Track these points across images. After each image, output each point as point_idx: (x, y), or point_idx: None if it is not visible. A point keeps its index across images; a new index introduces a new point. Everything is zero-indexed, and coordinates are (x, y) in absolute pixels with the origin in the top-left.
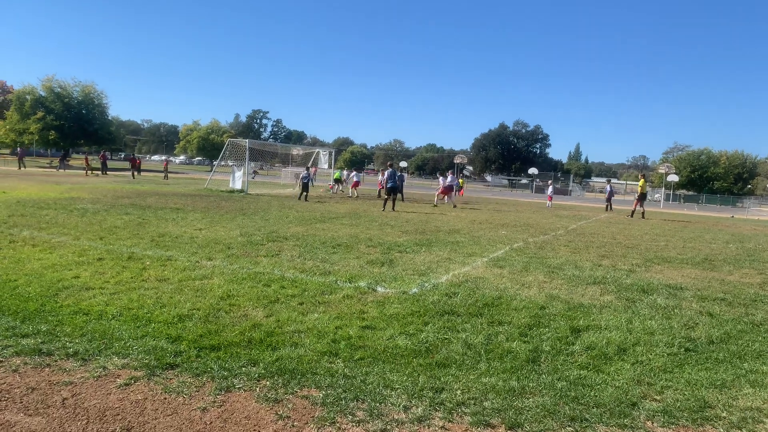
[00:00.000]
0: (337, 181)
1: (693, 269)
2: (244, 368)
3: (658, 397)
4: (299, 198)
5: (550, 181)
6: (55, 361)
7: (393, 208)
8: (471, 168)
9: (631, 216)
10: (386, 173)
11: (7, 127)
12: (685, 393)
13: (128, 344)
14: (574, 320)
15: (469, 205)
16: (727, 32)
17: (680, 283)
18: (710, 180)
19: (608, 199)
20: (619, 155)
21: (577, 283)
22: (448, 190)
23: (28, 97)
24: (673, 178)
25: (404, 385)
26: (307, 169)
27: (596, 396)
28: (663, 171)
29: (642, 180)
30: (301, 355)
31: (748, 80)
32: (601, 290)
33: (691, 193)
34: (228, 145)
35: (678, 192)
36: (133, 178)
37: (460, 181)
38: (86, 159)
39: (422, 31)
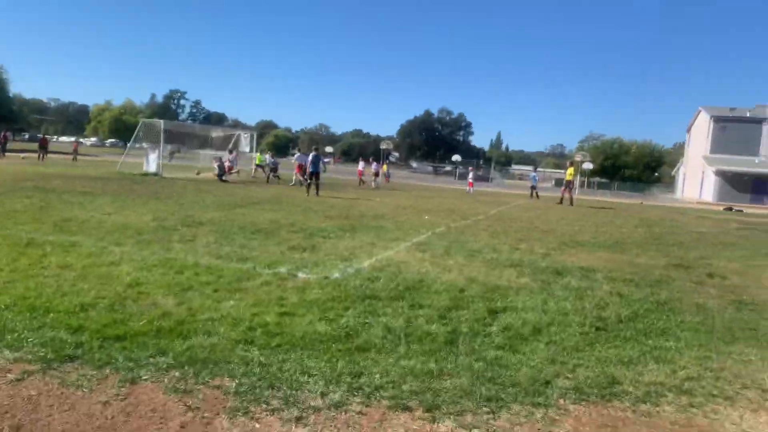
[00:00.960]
0: (259, 166)
1: (605, 252)
2: (151, 359)
3: (570, 375)
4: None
5: (471, 168)
6: None
7: (317, 193)
8: (397, 154)
9: (560, 203)
10: (310, 157)
11: None
12: (596, 370)
13: (22, 336)
14: (492, 302)
15: (395, 190)
16: (640, 23)
17: (593, 265)
18: (621, 168)
19: (533, 187)
20: (538, 144)
21: (495, 266)
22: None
23: None
24: (588, 165)
25: (322, 371)
26: (231, 151)
27: (512, 376)
28: (579, 159)
29: (570, 167)
30: (214, 343)
31: (658, 72)
32: (517, 273)
33: (604, 180)
34: (142, 125)
35: (592, 179)
36: (41, 159)
37: (384, 166)
38: None
39: (348, 14)
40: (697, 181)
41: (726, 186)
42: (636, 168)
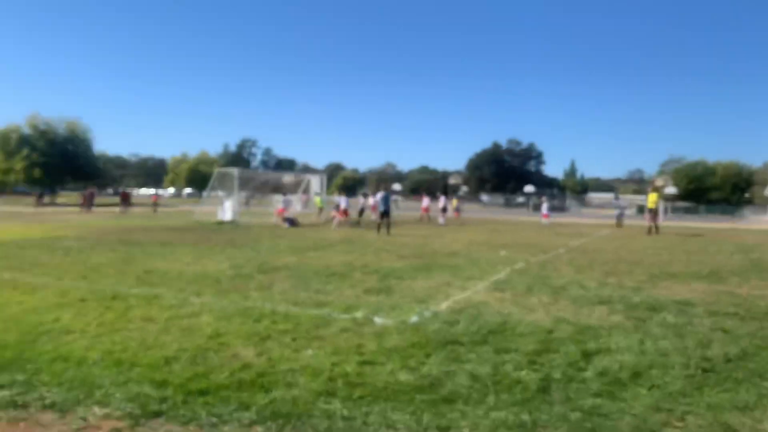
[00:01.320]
0: (321, 209)
1: (700, 283)
2: (234, 413)
3: (679, 424)
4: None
5: (544, 198)
6: (32, 414)
7: (388, 232)
8: (466, 188)
9: (649, 233)
10: (378, 196)
11: None
12: (708, 418)
13: (110, 392)
14: (584, 344)
15: (466, 225)
16: (720, 42)
17: (689, 298)
18: (707, 191)
19: (620, 215)
20: (615, 170)
21: (584, 304)
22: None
23: (13, 135)
24: (671, 190)
25: (408, 424)
26: (284, 194)
27: (614, 426)
28: (660, 184)
29: (653, 193)
30: (295, 396)
31: (741, 90)
32: (608, 310)
33: (689, 204)
34: (216, 175)
35: (677, 204)
36: (123, 212)
37: (454, 201)
38: (83, 196)
39: (410, 54)
40: None
41: None
42: (723, 190)
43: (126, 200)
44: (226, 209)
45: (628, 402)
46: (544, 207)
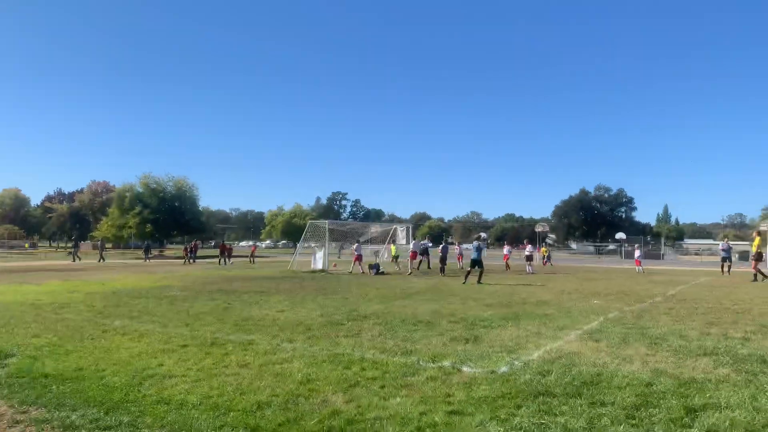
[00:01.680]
0: (396, 257)
1: None
2: None
3: None
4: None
5: (637, 245)
6: None
7: (479, 281)
8: (554, 236)
9: (755, 279)
10: (474, 245)
11: (109, 222)
12: None
13: None
14: (688, 398)
15: (555, 274)
16: None
17: None
18: None
19: (724, 259)
20: (712, 215)
21: (685, 355)
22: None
23: (127, 194)
24: None
25: None
26: (358, 242)
27: None
28: (766, 228)
29: (757, 238)
30: None
31: None
32: (714, 362)
33: None
34: (309, 226)
35: None
36: (223, 264)
37: (543, 250)
38: (185, 249)
39: (493, 103)
40: None
41: None
42: None
43: (224, 252)
44: (318, 259)
45: None
46: (637, 254)
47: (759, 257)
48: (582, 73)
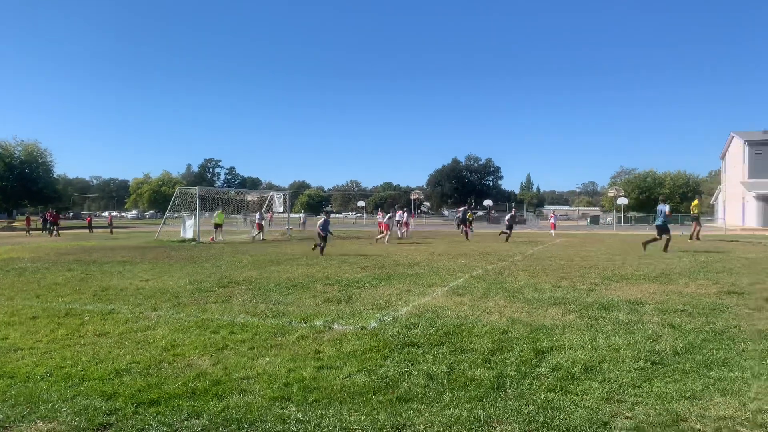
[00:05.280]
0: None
1: (651, 284)
2: (186, 422)
3: (629, 414)
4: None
5: (553, 209)
6: None
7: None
8: (428, 203)
9: (691, 238)
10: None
11: None
12: (656, 407)
13: (56, 406)
14: (538, 342)
15: (428, 239)
16: (658, 53)
17: (640, 298)
18: (657, 200)
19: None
20: (569, 183)
21: (538, 305)
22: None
23: None
24: (623, 200)
25: (363, 425)
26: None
27: (566, 418)
28: (612, 194)
29: (696, 200)
30: (249, 402)
31: (685, 100)
32: (562, 310)
33: (641, 214)
34: (178, 193)
35: (629, 214)
36: (54, 235)
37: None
38: (27, 219)
39: (372, 70)
40: (738, 208)
41: None
42: (672, 199)
43: (55, 223)
44: (188, 227)
45: (580, 395)
46: (552, 219)
47: (697, 218)
48: (456, 48)
